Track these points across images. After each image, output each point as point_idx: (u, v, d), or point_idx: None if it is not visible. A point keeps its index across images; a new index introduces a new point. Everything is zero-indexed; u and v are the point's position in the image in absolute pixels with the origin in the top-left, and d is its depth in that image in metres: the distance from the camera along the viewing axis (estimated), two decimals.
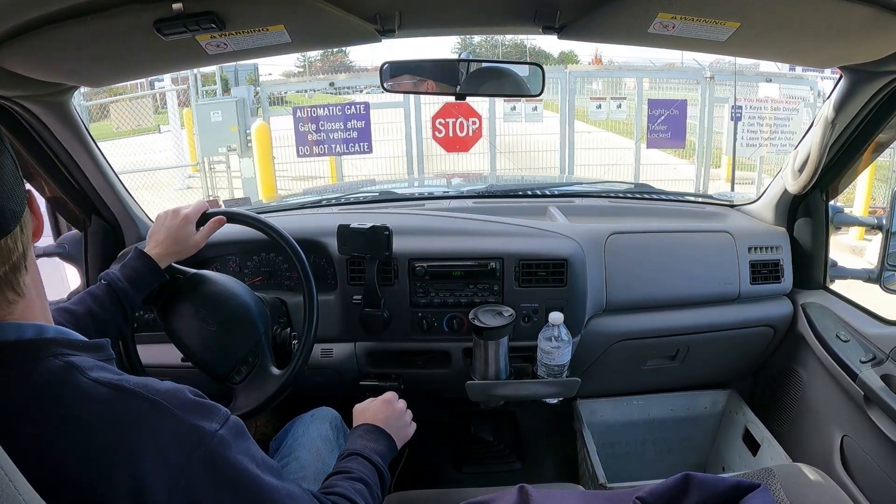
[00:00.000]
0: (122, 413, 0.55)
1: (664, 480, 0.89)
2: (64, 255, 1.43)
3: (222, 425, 0.60)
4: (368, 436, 0.90)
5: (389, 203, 1.67)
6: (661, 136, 5.17)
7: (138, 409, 0.56)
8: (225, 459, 0.58)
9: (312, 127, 4.99)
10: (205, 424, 0.58)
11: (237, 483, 0.59)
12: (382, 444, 0.90)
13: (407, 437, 0.98)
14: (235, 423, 0.62)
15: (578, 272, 1.28)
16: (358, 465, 0.83)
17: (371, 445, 0.88)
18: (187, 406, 0.58)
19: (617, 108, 5.46)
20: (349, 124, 5.02)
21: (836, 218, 1.43)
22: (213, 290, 1.07)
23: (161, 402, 0.57)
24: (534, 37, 18.16)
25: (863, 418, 1.17)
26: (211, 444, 0.58)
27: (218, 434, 0.58)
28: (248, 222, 1.11)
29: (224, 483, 0.58)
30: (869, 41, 0.89)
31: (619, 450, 1.62)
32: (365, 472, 0.81)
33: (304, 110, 5.04)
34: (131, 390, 0.57)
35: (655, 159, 5.91)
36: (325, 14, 0.84)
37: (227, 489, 0.58)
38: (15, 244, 0.55)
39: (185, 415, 0.57)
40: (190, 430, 0.57)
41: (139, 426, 0.55)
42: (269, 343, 1.11)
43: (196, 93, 6.21)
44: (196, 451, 0.57)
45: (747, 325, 1.43)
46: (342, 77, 7.22)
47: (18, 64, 0.87)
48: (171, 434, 0.56)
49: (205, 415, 0.59)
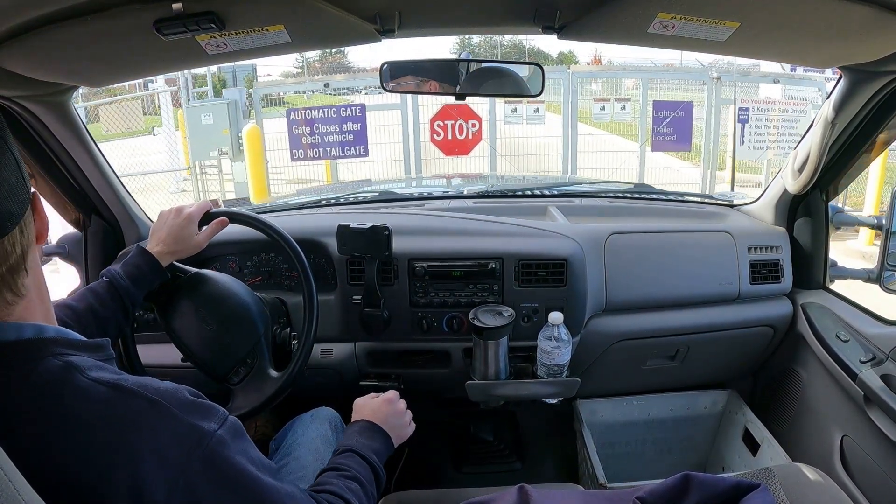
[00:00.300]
0: (122, 413, 0.56)
1: (664, 480, 0.89)
2: (64, 255, 1.43)
3: (221, 425, 0.60)
4: (365, 433, 0.90)
5: (389, 203, 1.67)
6: (666, 138, 5.05)
7: (137, 409, 0.56)
8: (224, 459, 0.58)
9: (307, 129, 4.86)
10: (204, 424, 0.58)
11: (236, 482, 0.59)
12: (379, 441, 0.90)
13: (405, 437, 0.98)
14: (234, 424, 0.62)
15: (578, 272, 1.28)
16: (353, 463, 0.82)
17: (367, 443, 0.88)
18: (186, 406, 0.59)
19: (621, 109, 5.36)
20: (344, 127, 4.89)
21: (835, 218, 1.43)
22: (214, 290, 1.07)
23: (160, 402, 0.57)
24: (533, 37, 18.17)
25: (863, 418, 1.17)
26: (210, 443, 0.58)
27: (217, 434, 0.59)
28: (249, 222, 1.11)
29: (223, 482, 0.58)
30: (869, 41, 0.89)
31: (619, 450, 1.62)
32: (359, 471, 0.81)
33: (299, 112, 4.90)
34: (130, 390, 0.57)
35: (660, 162, 5.80)
36: (325, 14, 0.84)
37: (226, 488, 0.58)
38: (13, 246, 0.55)
39: (184, 414, 0.58)
40: (189, 430, 0.57)
41: (139, 426, 0.55)
42: (269, 343, 1.11)
43: (187, 95, 6.00)
44: (195, 450, 0.57)
45: (747, 325, 1.43)
46: (339, 78, 7.03)
47: (18, 64, 0.87)
48: (170, 434, 0.56)
49: (204, 415, 0.59)
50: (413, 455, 1.54)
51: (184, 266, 1.11)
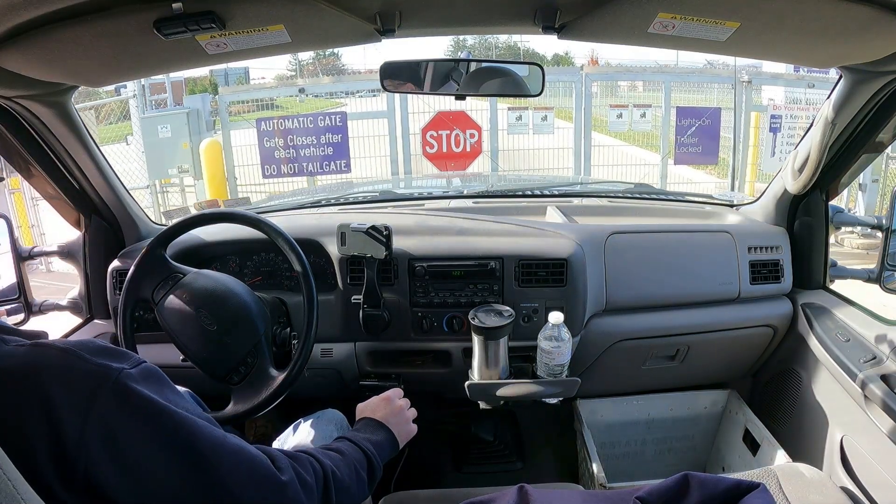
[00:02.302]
0: (34, 361, 0.58)
1: (664, 480, 0.89)
2: (64, 255, 1.43)
3: (133, 367, 0.61)
4: (365, 428, 0.91)
5: (389, 203, 1.67)
6: (691, 150, 4.49)
7: (49, 356, 0.58)
8: (133, 391, 0.59)
9: (280, 142, 4.18)
10: (113, 363, 0.60)
11: (147, 412, 0.60)
12: (380, 435, 0.90)
13: (409, 434, 0.98)
14: (148, 368, 0.63)
15: (578, 272, 1.28)
16: (342, 445, 0.83)
17: (364, 434, 0.88)
18: (97, 350, 0.60)
19: (640, 117, 4.76)
20: (323, 138, 4.19)
21: (835, 218, 1.43)
22: (214, 290, 1.07)
23: (71, 349, 0.59)
24: (528, 38, 18.08)
25: (863, 418, 1.17)
26: (118, 377, 0.59)
27: (125, 371, 0.60)
28: (249, 222, 1.11)
29: (135, 413, 0.59)
30: (869, 41, 0.89)
31: (619, 450, 1.62)
32: (345, 450, 0.81)
33: (270, 122, 4.21)
34: (45, 343, 0.60)
35: (682, 176, 5.14)
36: (324, 14, 0.84)
37: (139, 419, 0.59)
38: None
39: (93, 356, 0.59)
40: (97, 368, 0.59)
41: (50, 371, 0.57)
42: (269, 343, 1.11)
43: (144, 103, 5.12)
44: (104, 384, 0.58)
45: (747, 325, 1.43)
46: (326, 81, 6.15)
47: (19, 64, 0.87)
48: (79, 374, 0.58)
49: (114, 357, 0.61)
50: (413, 455, 1.53)
51: (183, 266, 1.11)
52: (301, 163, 4.30)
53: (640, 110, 4.85)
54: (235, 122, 5.04)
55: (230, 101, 5.02)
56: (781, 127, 4.53)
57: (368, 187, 2.16)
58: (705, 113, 4.59)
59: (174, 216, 3.29)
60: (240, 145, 4.82)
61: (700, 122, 4.50)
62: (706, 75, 5.68)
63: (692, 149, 4.54)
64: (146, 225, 1.48)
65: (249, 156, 4.70)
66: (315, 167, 4.33)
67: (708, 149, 4.54)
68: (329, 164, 4.31)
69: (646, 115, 4.83)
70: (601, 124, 5.29)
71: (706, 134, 4.50)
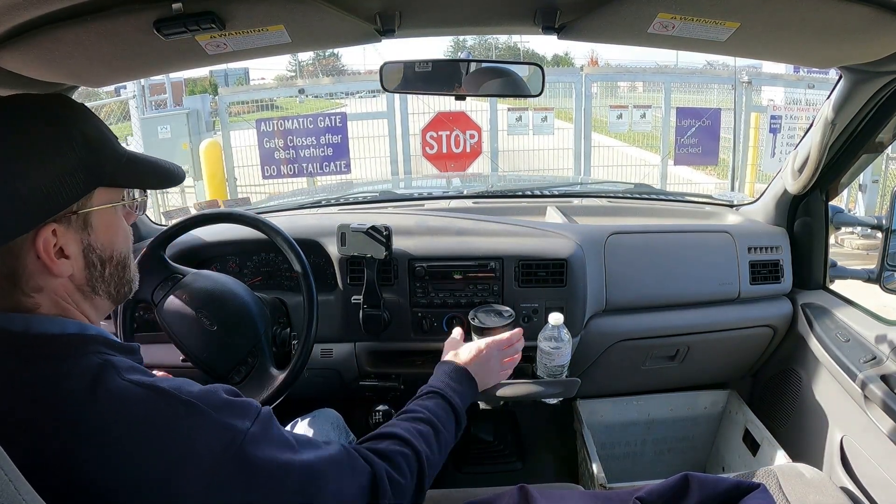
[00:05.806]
0: (156, 414, 0.56)
1: (664, 480, 0.89)
2: None
3: (254, 421, 0.60)
4: (454, 374, 0.90)
5: (389, 203, 1.67)
6: (691, 150, 4.53)
7: (172, 411, 0.56)
8: (256, 457, 0.59)
9: (280, 143, 4.20)
10: (237, 423, 0.59)
11: (269, 475, 0.59)
12: (466, 385, 0.89)
13: (488, 385, 0.98)
14: (266, 414, 0.63)
15: (578, 272, 1.28)
16: (432, 405, 0.82)
17: (454, 385, 0.87)
18: (220, 406, 0.59)
19: (640, 118, 4.78)
20: (323, 139, 4.20)
21: (835, 218, 1.43)
22: (213, 290, 1.07)
23: (195, 403, 0.57)
24: (528, 39, 18.08)
25: (863, 418, 1.17)
26: (243, 442, 0.58)
27: (250, 431, 0.59)
28: (248, 222, 1.11)
29: (256, 481, 0.58)
30: (869, 41, 0.89)
31: (619, 450, 1.62)
32: (437, 413, 0.81)
33: (269, 123, 4.23)
34: (165, 391, 0.57)
35: (682, 177, 5.21)
36: (325, 14, 0.84)
37: (259, 488, 0.58)
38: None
39: (218, 415, 0.58)
40: (222, 430, 0.58)
41: (172, 427, 0.56)
42: (269, 343, 1.11)
43: (144, 104, 5.16)
44: (229, 449, 0.57)
45: (747, 326, 1.43)
46: (326, 81, 6.14)
47: (19, 64, 0.87)
48: (203, 433, 0.57)
49: (238, 413, 0.60)
50: None
51: (182, 267, 1.11)
52: (301, 163, 4.32)
53: (640, 111, 4.87)
54: (235, 122, 5.04)
55: (230, 101, 5.02)
56: (781, 127, 4.55)
57: (368, 188, 2.16)
58: (705, 113, 4.62)
59: (174, 216, 3.31)
60: (239, 146, 4.83)
61: (700, 122, 4.52)
62: (706, 76, 5.71)
63: (692, 149, 4.56)
64: (146, 225, 1.48)
65: (249, 156, 4.70)
66: (315, 168, 4.34)
67: (708, 149, 4.57)
68: (329, 165, 4.33)
69: (646, 116, 4.85)
70: (601, 125, 5.32)
71: (706, 134, 4.52)
